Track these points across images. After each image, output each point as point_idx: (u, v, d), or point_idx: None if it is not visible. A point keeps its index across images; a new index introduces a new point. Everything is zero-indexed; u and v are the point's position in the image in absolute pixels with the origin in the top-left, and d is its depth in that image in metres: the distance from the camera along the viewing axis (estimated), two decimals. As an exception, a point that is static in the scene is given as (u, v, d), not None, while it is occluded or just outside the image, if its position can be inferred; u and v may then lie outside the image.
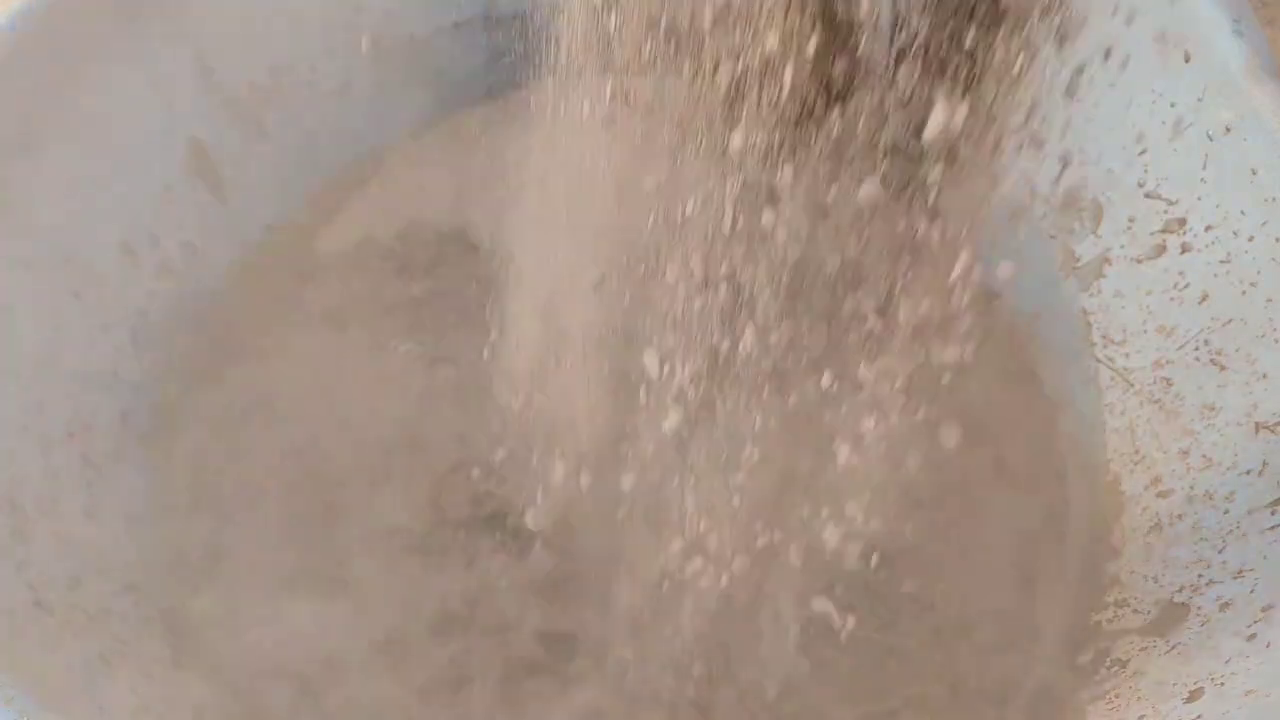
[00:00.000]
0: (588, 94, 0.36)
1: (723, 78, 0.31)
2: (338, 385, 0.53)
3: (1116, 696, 0.44)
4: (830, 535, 0.42)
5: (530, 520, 0.48)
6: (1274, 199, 0.45)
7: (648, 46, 0.33)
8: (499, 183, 0.59)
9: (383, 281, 0.56)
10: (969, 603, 0.49)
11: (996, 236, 0.57)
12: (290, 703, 0.46)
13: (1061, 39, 0.32)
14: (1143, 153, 0.50)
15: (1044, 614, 0.49)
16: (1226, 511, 0.45)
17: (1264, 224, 0.46)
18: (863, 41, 0.30)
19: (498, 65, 0.61)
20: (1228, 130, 0.47)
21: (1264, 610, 0.41)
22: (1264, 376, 0.45)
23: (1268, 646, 0.40)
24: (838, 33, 0.30)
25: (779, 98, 0.30)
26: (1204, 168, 0.48)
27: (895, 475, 0.43)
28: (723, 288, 0.36)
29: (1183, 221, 0.49)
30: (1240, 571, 0.43)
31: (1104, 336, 0.53)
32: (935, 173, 0.32)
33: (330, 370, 0.54)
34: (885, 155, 0.32)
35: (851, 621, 0.46)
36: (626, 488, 0.44)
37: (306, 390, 0.53)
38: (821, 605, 0.46)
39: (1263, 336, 0.45)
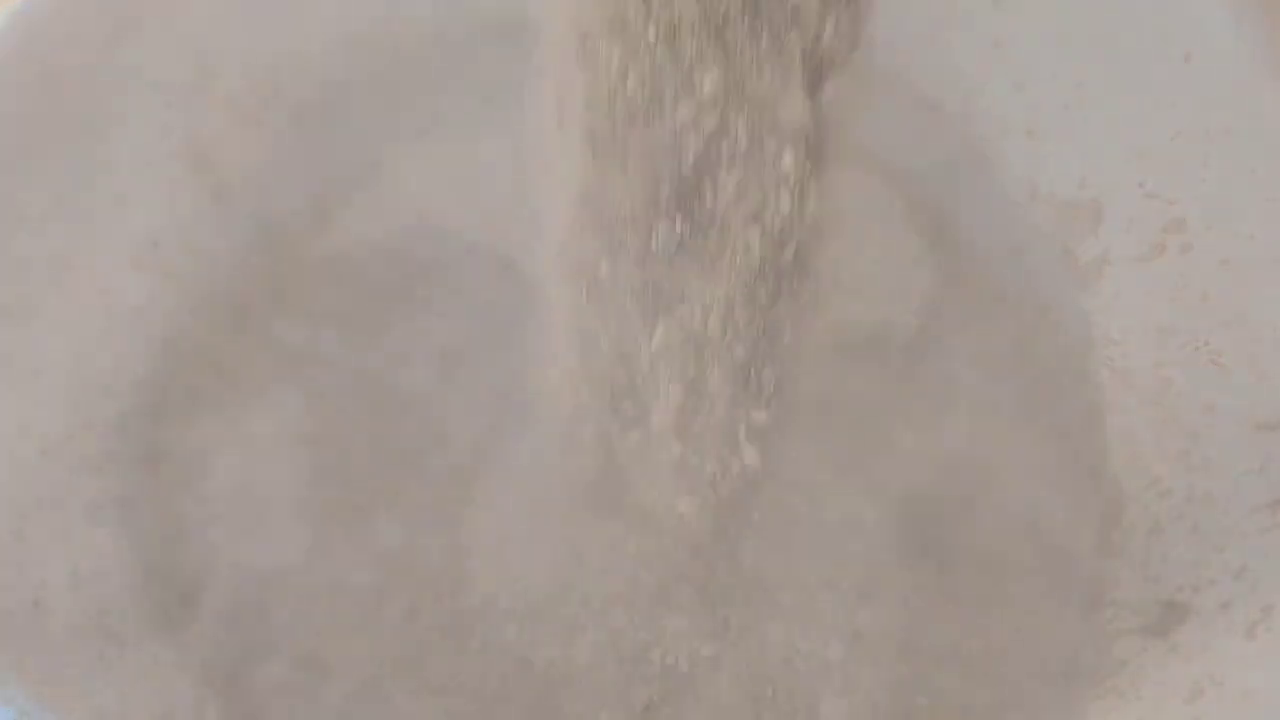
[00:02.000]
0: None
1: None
2: (338, 385, 0.53)
3: (1117, 696, 0.44)
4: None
5: None
6: (1274, 199, 0.45)
7: None
8: (499, 182, 0.59)
9: (382, 281, 0.57)
10: (968, 601, 0.49)
11: (996, 236, 0.57)
12: (290, 702, 0.46)
13: None
14: (1143, 153, 0.50)
15: (1044, 614, 0.49)
16: (1226, 511, 0.45)
17: (1264, 224, 0.46)
18: None
19: (497, 66, 0.61)
20: (1228, 130, 0.47)
21: (1264, 610, 0.41)
22: (1264, 376, 0.45)
23: (1268, 646, 0.40)
24: None
25: None
26: (1204, 168, 0.48)
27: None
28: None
29: (1183, 221, 0.49)
30: (1240, 571, 0.43)
31: (1104, 336, 0.53)
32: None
33: (331, 369, 0.54)
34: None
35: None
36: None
37: (307, 390, 0.53)
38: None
39: (1263, 337, 0.45)
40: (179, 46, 0.52)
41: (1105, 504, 0.50)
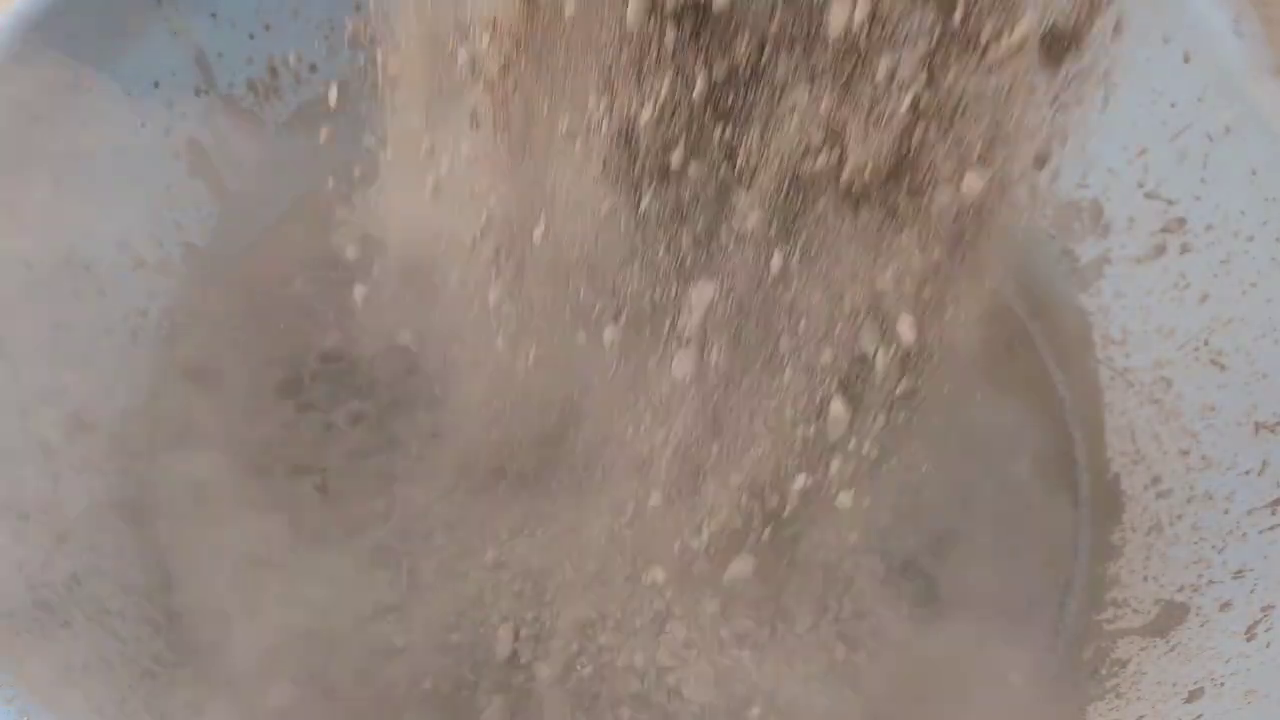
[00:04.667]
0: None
1: None
2: (339, 383, 0.53)
3: (1116, 696, 0.44)
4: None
5: None
6: (1274, 199, 0.45)
7: None
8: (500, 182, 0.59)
9: (383, 281, 0.56)
10: (971, 601, 0.49)
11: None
12: (289, 702, 0.46)
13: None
14: (1143, 152, 0.50)
15: (1044, 613, 0.49)
16: (1226, 511, 0.45)
17: (1264, 224, 0.46)
18: None
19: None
20: (1228, 130, 0.47)
21: (1264, 610, 0.41)
22: (1264, 376, 0.45)
23: (1268, 646, 0.40)
24: None
25: None
26: (1204, 168, 0.48)
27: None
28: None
29: (1183, 221, 0.49)
30: (1240, 571, 0.43)
31: (1104, 336, 0.53)
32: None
33: (330, 367, 0.54)
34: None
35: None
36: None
37: (306, 387, 0.53)
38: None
39: (1263, 336, 0.46)
40: (179, 46, 0.52)
41: (1105, 504, 0.50)
